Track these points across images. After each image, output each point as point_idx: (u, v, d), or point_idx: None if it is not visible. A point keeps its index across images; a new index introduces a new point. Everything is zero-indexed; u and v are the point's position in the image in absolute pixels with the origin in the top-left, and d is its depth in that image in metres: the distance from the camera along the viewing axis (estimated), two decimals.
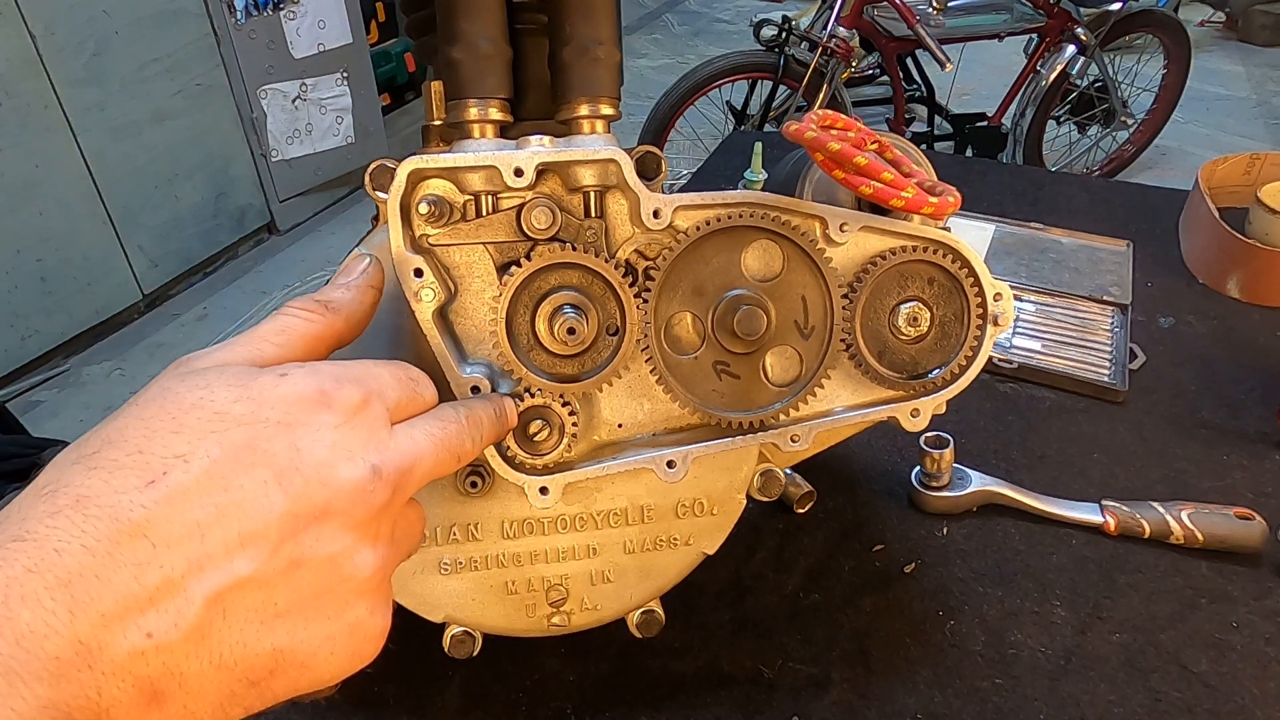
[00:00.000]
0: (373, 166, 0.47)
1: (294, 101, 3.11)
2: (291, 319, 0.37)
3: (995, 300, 0.53)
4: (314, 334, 0.37)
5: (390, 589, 0.35)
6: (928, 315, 0.53)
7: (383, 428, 0.34)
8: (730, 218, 0.49)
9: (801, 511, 0.74)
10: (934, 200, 0.47)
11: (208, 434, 0.29)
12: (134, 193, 2.75)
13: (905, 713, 0.59)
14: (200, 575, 0.28)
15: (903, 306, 0.53)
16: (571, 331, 0.46)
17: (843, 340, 0.52)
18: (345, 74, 3.20)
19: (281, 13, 2.96)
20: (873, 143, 0.51)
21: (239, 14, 2.86)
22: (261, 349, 0.35)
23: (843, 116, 0.50)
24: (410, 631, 0.62)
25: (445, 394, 0.48)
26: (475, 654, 0.56)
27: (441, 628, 0.56)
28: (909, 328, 0.53)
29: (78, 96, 2.53)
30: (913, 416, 0.55)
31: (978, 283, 0.53)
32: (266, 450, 0.30)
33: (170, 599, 0.27)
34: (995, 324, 0.54)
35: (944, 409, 0.55)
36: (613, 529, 0.55)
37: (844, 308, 0.51)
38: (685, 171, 3.17)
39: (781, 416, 0.53)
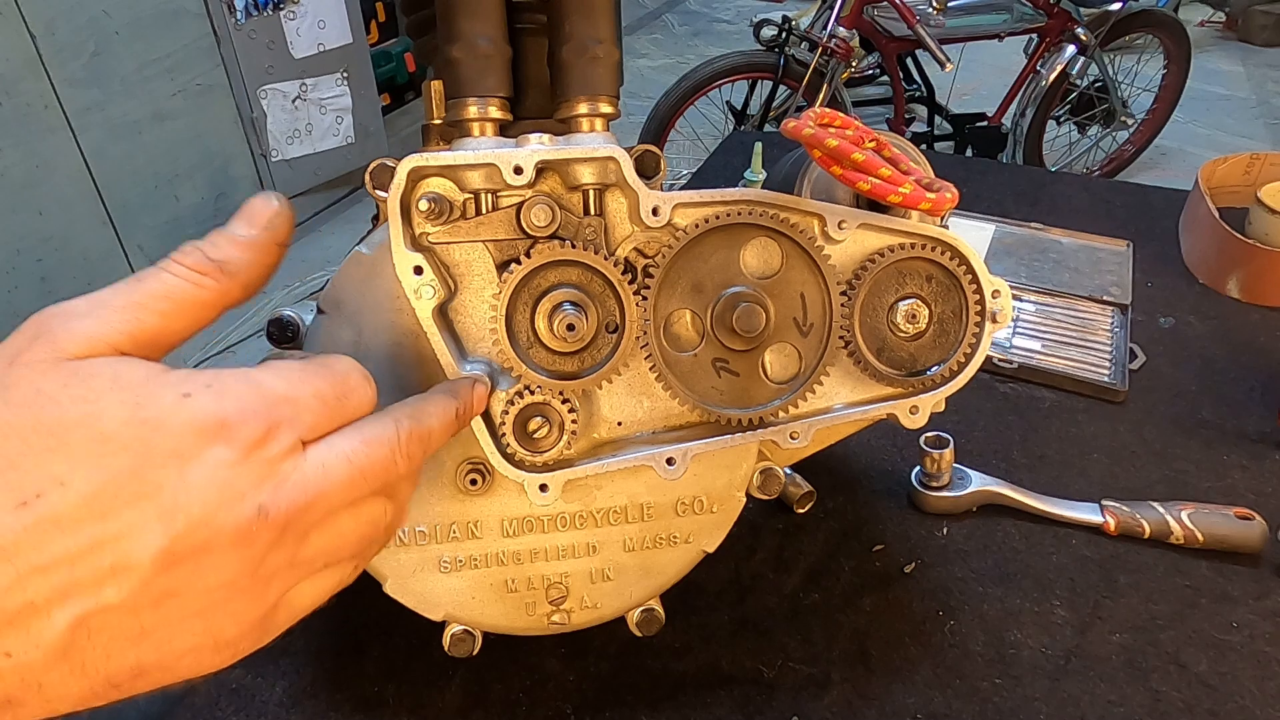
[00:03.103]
0: (373, 165, 0.47)
1: (294, 101, 3.11)
2: (178, 284, 0.32)
3: (994, 297, 0.53)
4: (203, 301, 0.33)
5: (274, 612, 0.32)
6: (926, 312, 0.53)
7: (286, 458, 0.30)
8: (729, 215, 0.49)
9: (801, 511, 0.74)
10: (931, 196, 0.47)
11: (90, 458, 0.27)
12: (134, 193, 2.75)
13: (905, 713, 0.59)
14: (65, 602, 0.27)
15: (901, 303, 0.53)
16: (571, 328, 0.46)
17: (841, 337, 0.52)
18: (345, 74, 3.20)
19: (281, 13, 2.96)
20: (870, 141, 0.51)
21: (239, 14, 2.86)
22: (141, 320, 0.31)
23: (840, 114, 0.50)
24: (410, 631, 0.62)
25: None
26: (475, 653, 0.56)
27: (441, 626, 0.56)
28: (907, 324, 0.53)
29: (78, 96, 2.53)
30: (912, 414, 0.55)
31: (976, 280, 0.53)
32: (152, 481, 0.28)
33: (31, 621, 0.26)
34: (994, 321, 0.54)
35: (943, 406, 0.55)
36: (613, 527, 0.55)
37: (843, 305, 0.51)
38: (685, 171, 3.18)
39: (780, 413, 0.53)
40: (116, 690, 0.29)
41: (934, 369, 0.54)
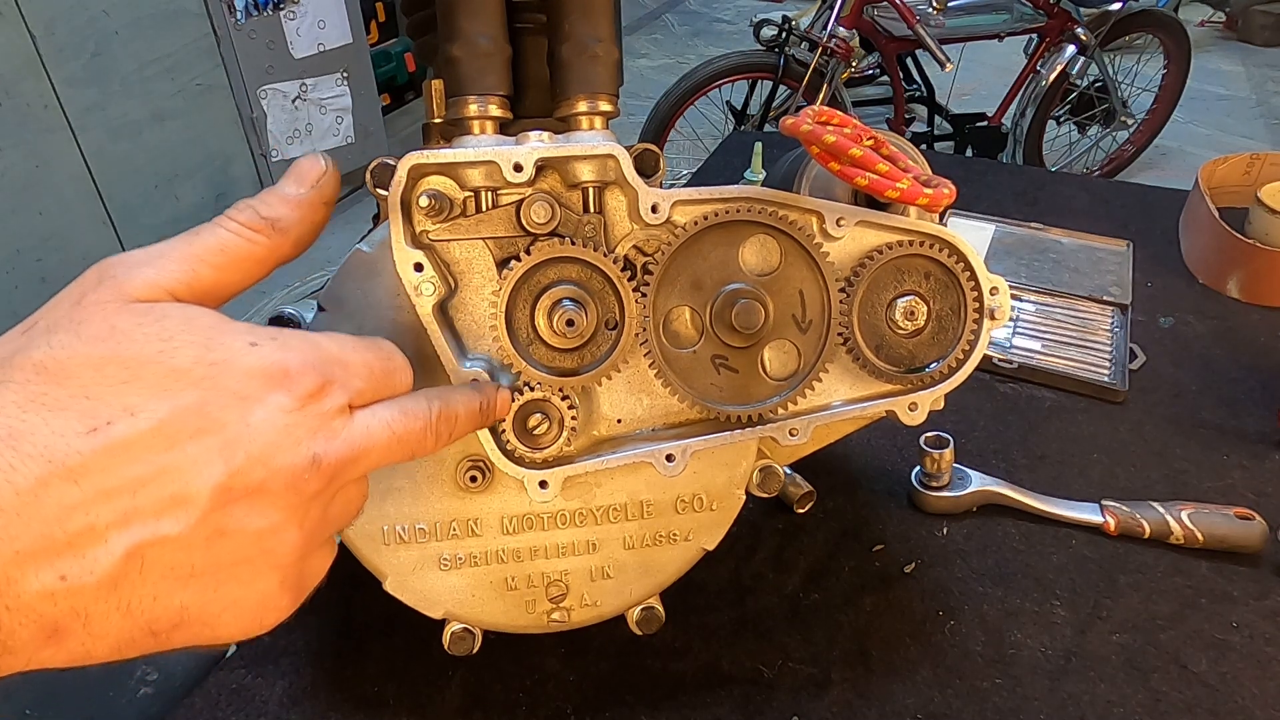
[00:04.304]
0: (374, 164, 0.47)
1: (294, 101, 3.11)
2: (233, 239, 0.34)
3: (992, 294, 0.53)
4: (256, 257, 0.35)
5: (304, 569, 0.34)
6: (924, 309, 0.53)
7: (337, 416, 0.33)
8: (728, 212, 0.49)
9: (801, 511, 0.74)
10: (929, 191, 0.47)
11: (161, 392, 0.29)
12: (134, 193, 2.75)
13: (905, 713, 0.59)
14: (125, 528, 0.27)
15: (899, 300, 0.53)
16: (570, 324, 0.46)
17: (840, 334, 0.52)
18: (345, 74, 3.20)
19: (281, 13, 2.96)
20: (868, 139, 0.51)
21: (239, 14, 2.86)
22: (198, 271, 0.33)
23: (839, 113, 0.50)
24: (410, 630, 0.62)
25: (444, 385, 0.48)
26: (475, 651, 0.56)
27: (441, 625, 0.56)
28: (906, 321, 0.53)
29: (78, 96, 2.53)
30: (910, 411, 0.55)
31: (974, 277, 0.53)
32: (217, 419, 0.29)
33: (90, 546, 0.27)
34: (992, 318, 0.54)
35: (942, 404, 0.55)
36: (612, 524, 0.55)
37: (841, 302, 0.51)
38: (685, 171, 3.17)
39: (779, 410, 0.53)
40: (154, 639, 0.30)
41: (932, 366, 0.54)
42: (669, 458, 0.52)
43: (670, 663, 0.62)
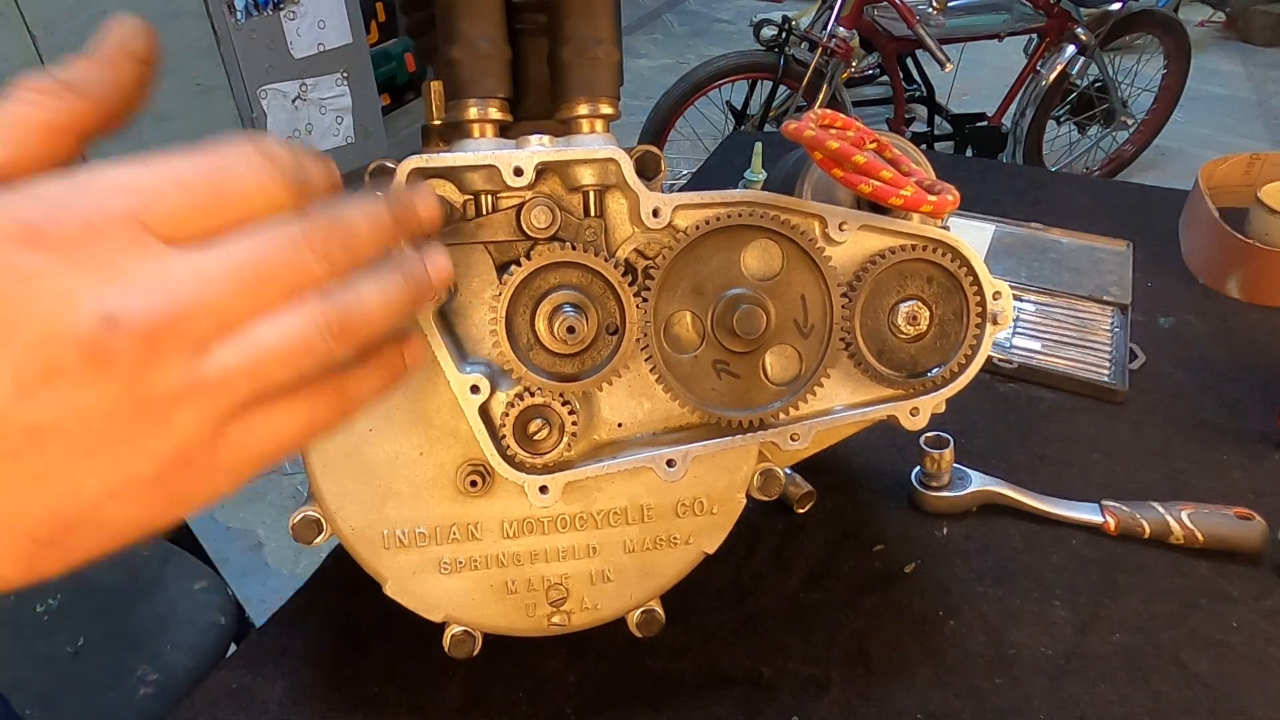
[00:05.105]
0: (372, 166, 0.47)
1: (294, 101, 3.11)
2: (20, 107, 0.29)
3: (994, 299, 0.53)
4: (53, 124, 0.29)
5: (177, 431, 0.27)
6: (927, 314, 0.53)
7: (130, 258, 0.25)
8: (730, 217, 0.49)
9: (801, 511, 0.74)
10: (933, 198, 0.47)
11: None
12: None
13: (905, 713, 0.59)
14: None
15: (902, 305, 0.53)
16: (571, 330, 0.47)
17: (842, 339, 0.52)
18: (345, 74, 3.20)
19: (281, 13, 2.96)
20: (871, 142, 0.51)
21: (239, 14, 2.86)
22: None
23: (842, 116, 0.50)
24: (410, 631, 0.62)
25: (445, 390, 0.48)
26: (475, 653, 0.56)
27: (442, 627, 0.56)
28: (908, 326, 0.53)
29: None
30: (912, 415, 0.55)
31: (977, 281, 0.53)
32: None
33: None
34: (994, 322, 0.54)
35: (943, 408, 0.55)
36: (613, 528, 0.55)
37: (843, 306, 0.51)
38: (685, 171, 3.17)
39: (781, 415, 0.53)
40: (50, 550, 0.27)
41: (934, 370, 0.54)
42: (670, 463, 0.52)
43: (670, 663, 0.63)
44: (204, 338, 0.26)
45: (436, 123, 0.52)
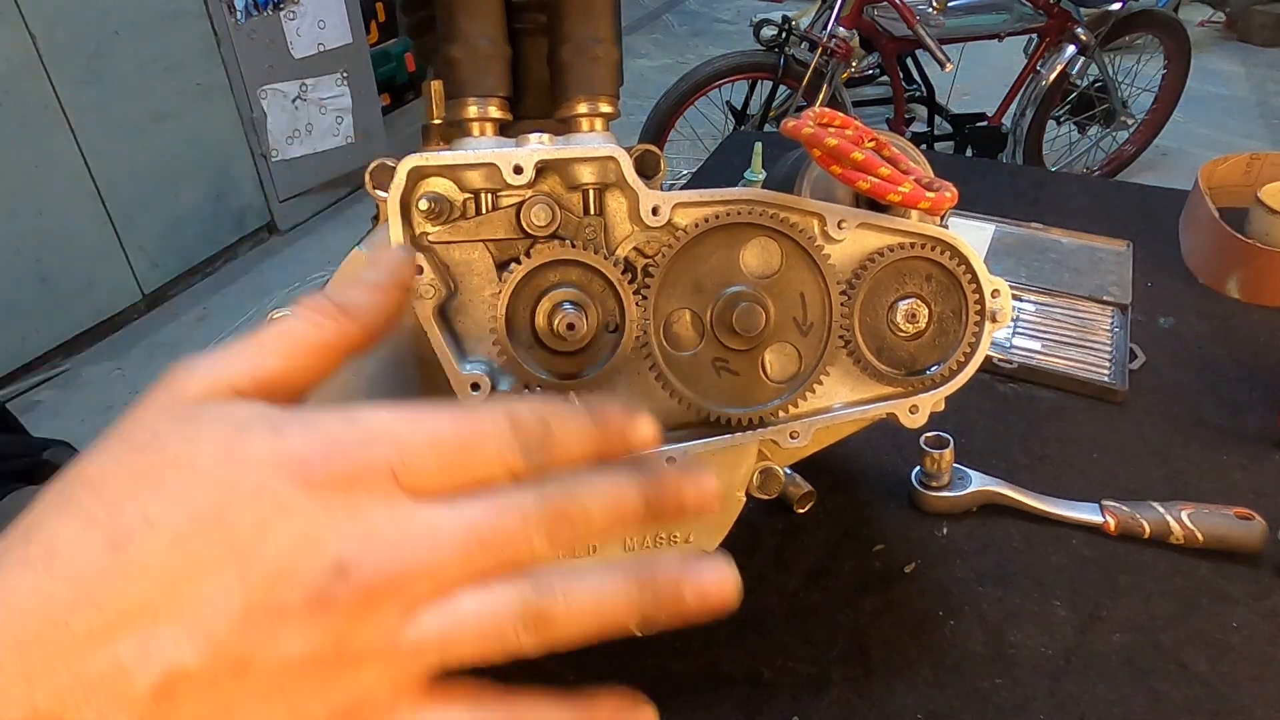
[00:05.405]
0: (373, 165, 0.47)
1: (294, 101, 3.11)
2: (300, 325, 0.32)
3: (993, 296, 0.53)
4: (324, 343, 0.32)
5: (350, 692, 0.27)
6: (926, 312, 0.53)
7: (377, 508, 0.26)
8: (729, 215, 0.49)
9: (801, 511, 0.74)
10: (931, 195, 0.47)
11: (180, 498, 0.26)
12: (134, 193, 2.75)
13: (905, 712, 0.59)
14: (145, 663, 0.25)
15: (901, 303, 0.53)
16: (571, 327, 0.46)
17: (841, 337, 0.52)
18: (345, 74, 3.20)
19: (281, 13, 2.96)
20: (870, 140, 0.51)
21: (239, 14, 2.86)
22: (264, 361, 0.30)
23: (840, 114, 0.50)
24: None
25: (447, 391, 0.48)
26: None
27: None
28: (907, 324, 0.53)
29: (78, 96, 2.53)
30: (911, 413, 0.55)
31: (975, 279, 0.53)
32: (232, 526, 0.25)
33: (117, 683, 0.25)
34: (993, 320, 0.54)
35: (943, 406, 0.55)
36: None
37: (842, 304, 0.51)
38: (685, 171, 3.18)
39: (780, 413, 0.53)
40: None
41: (933, 368, 0.54)
42: (669, 461, 0.52)
43: (670, 663, 0.63)
44: (416, 599, 0.26)
45: (436, 121, 0.52)
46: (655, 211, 0.48)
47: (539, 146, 0.46)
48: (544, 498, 0.28)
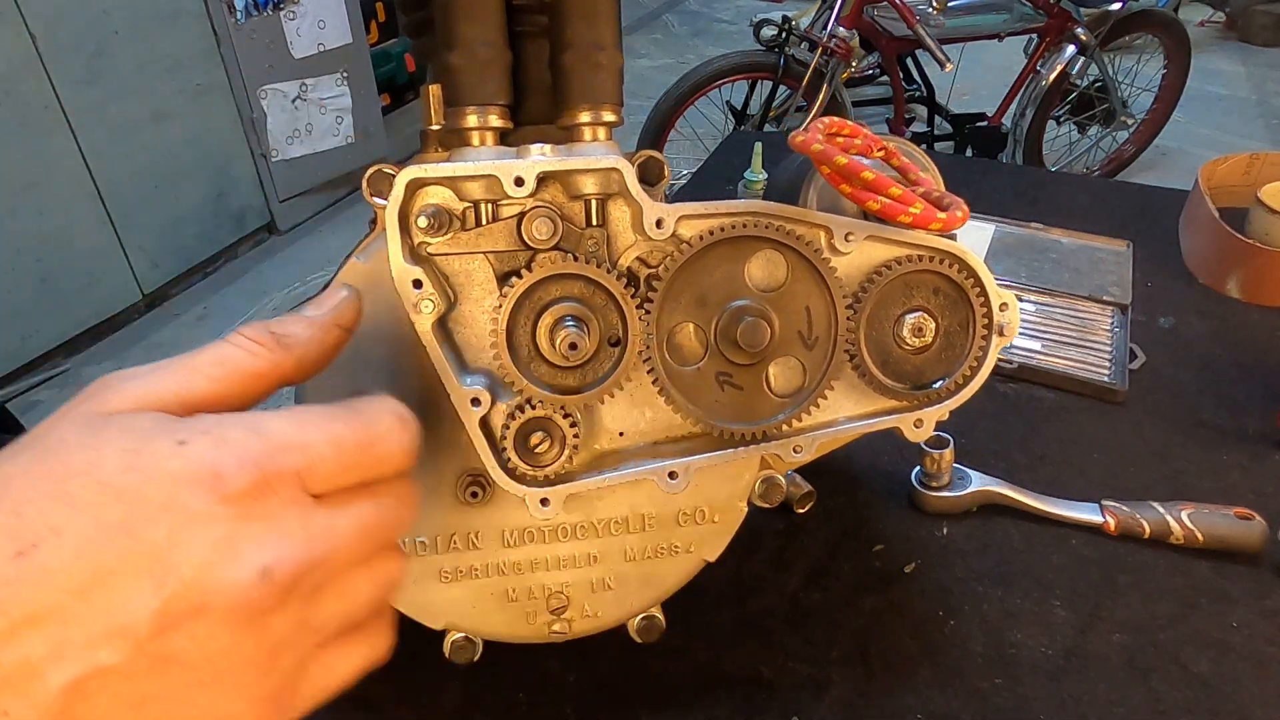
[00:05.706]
0: (370, 172, 0.45)
1: (294, 101, 3.11)
2: (234, 350, 0.33)
3: (1001, 310, 0.52)
4: (256, 371, 0.33)
5: (290, 682, 0.30)
6: (933, 325, 0.52)
7: (289, 515, 0.29)
8: (734, 227, 0.48)
9: (801, 512, 0.74)
10: (942, 215, 0.46)
11: (86, 507, 0.26)
12: (134, 193, 2.75)
13: (905, 713, 0.59)
14: (59, 662, 0.25)
15: (908, 316, 0.52)
16: (573, 347, 0.45)
17: (846, 351, 0.51)
18: (345, 74, 3.20)
19: (281, 13, 2.96)
20: (879, 149, 0.50)
21: (239, 14, 2.86)
22: (192, 382, 0.31)
23: (849, 123, 0.49)
24: (411, 632, 0.62)
25: (446, 403, 0.48)
26: (475, 660, 0.56)
27: (443, 632, 0.56)
28: (914, 338, 0.52)
29: (78, 96, 2.53)
30: (916, 427, 0.54)
31: (984, 292, 0.52)
32: (145, 537, 0.26)
33: (27, 682, 0.25)
34: (1000, 334, 0.53)
35: (946, 417, 0.55)
36: (614, 537, 0.55)
37: (848, 318, 0.51)
38: (685, 171, 3.17)
39: (784, 427, 0.52)
40: None
41: (939, 382, 0.54)
42: (672, 475, 0.51)
43: (670, 663, 0.63)
44: (319, 587, 0.30)
45: (435, 127, 0.50)
46: (659, 224, 0.47)
47: (540, 158, 0.45)
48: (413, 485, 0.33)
